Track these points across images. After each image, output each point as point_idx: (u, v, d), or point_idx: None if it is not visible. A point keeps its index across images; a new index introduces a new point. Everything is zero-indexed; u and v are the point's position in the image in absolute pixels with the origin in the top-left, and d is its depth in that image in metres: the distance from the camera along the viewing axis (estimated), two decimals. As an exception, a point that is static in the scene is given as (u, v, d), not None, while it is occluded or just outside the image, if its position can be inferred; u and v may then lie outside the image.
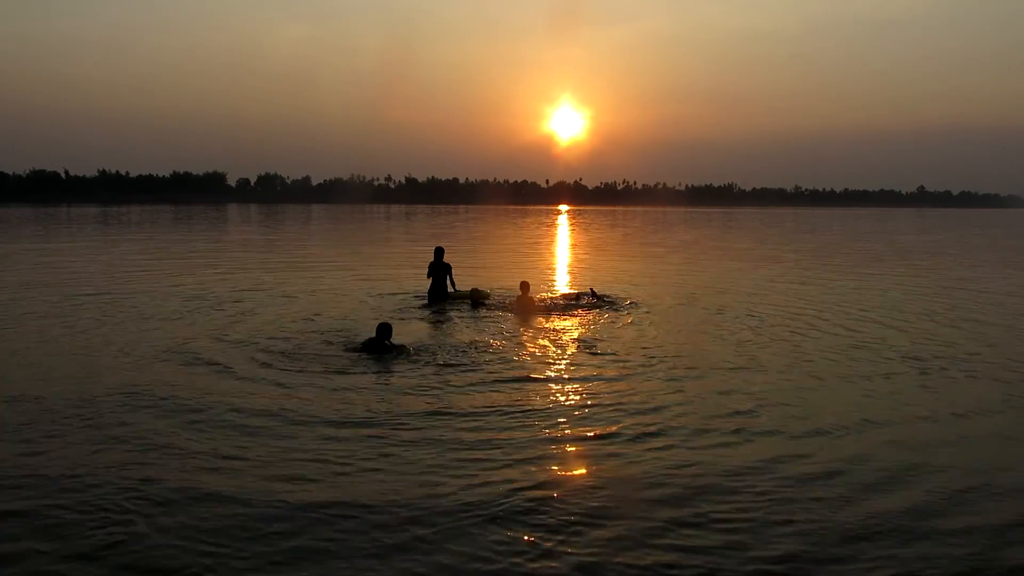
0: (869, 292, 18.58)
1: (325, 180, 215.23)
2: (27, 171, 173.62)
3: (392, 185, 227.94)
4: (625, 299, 16.18)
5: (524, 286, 14.87)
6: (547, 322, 13.57)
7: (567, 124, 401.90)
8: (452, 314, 14.34)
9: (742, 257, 31.39)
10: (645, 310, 14.98)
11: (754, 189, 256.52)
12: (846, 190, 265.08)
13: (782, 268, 25.66)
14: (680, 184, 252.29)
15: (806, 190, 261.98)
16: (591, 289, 16.54)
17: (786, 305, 15.91)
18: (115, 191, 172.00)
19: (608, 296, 16.36)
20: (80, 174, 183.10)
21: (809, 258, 30.92)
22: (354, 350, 10.70)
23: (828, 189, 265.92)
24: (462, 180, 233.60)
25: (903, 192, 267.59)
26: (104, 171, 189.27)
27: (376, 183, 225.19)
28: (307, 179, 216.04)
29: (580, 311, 14.76)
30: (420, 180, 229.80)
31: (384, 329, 10.65)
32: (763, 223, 77.47)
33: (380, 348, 10.51)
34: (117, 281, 19.13)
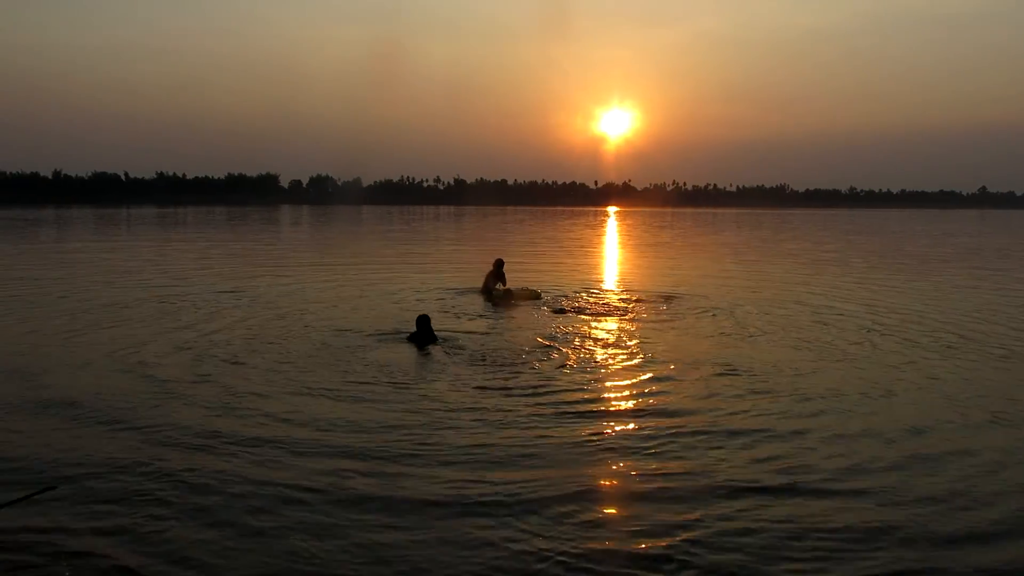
0: (974, 296, 17.70)
1: (376, 182, 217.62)
2: (89, 173, 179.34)
3: (441, 187, 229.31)
4: (688, 300, 15.75)
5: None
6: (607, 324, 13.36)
7: (616, 125, 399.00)
8: (499, 312, 14.36)
9: (827, 258, 30.21)
10: (741, 315, 14.19)
11: (807, 190, 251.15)
12: (903, 191, 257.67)
13: (870, 270, 24.79)
14: (731, 185, 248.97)
15: (861, 191, 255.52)
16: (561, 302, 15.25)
17: (903, 313, 14.80)
18: (172, 192, 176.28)
19: (570, 307, 14.61)
20: (139, 176, 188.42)
21: (884, 261, 29.81)
22: (400, 342, 10.94)
23: (884, 190, 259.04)
24: (510, 182, 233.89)
25: (963, 193, 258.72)
26: (162, 173, 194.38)
27: (425, 184, 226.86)
28: (358, 180, 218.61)
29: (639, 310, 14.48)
30: (469, 181, 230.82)
31: (424, 321, 10.94)
32: (824, 225, 75.08)
33: (424, 339, 10.78)
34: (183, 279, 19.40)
